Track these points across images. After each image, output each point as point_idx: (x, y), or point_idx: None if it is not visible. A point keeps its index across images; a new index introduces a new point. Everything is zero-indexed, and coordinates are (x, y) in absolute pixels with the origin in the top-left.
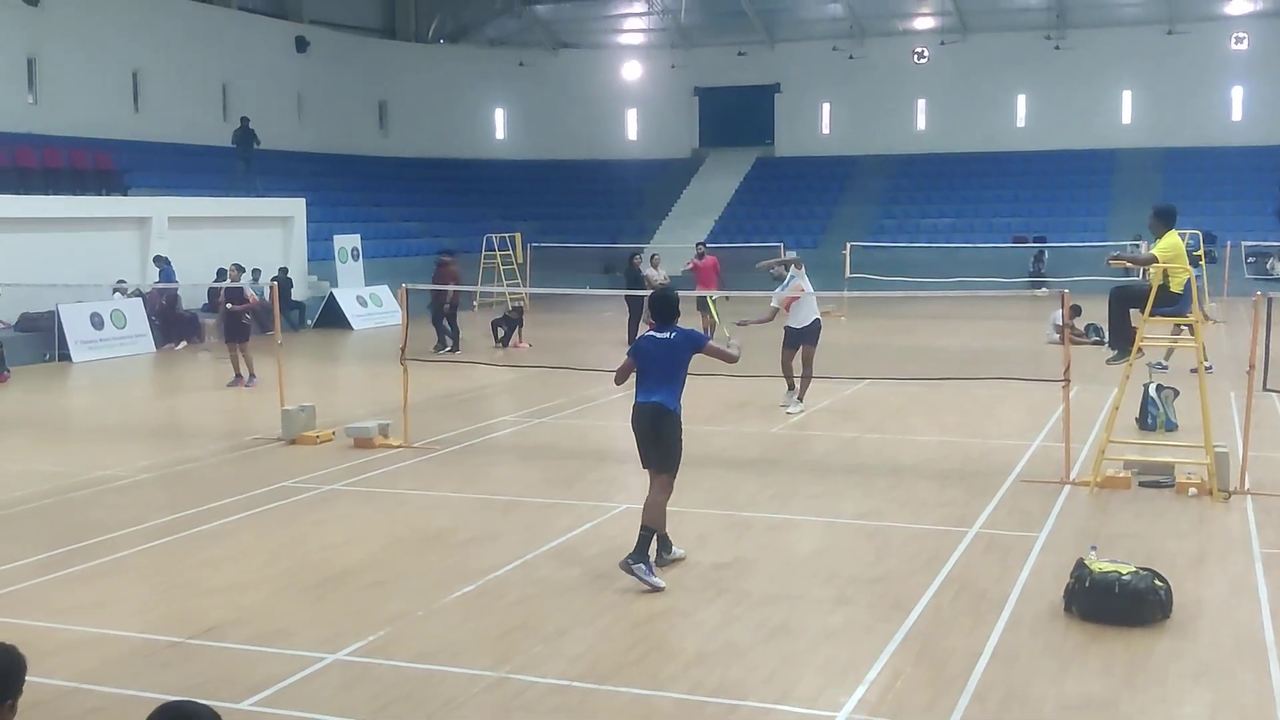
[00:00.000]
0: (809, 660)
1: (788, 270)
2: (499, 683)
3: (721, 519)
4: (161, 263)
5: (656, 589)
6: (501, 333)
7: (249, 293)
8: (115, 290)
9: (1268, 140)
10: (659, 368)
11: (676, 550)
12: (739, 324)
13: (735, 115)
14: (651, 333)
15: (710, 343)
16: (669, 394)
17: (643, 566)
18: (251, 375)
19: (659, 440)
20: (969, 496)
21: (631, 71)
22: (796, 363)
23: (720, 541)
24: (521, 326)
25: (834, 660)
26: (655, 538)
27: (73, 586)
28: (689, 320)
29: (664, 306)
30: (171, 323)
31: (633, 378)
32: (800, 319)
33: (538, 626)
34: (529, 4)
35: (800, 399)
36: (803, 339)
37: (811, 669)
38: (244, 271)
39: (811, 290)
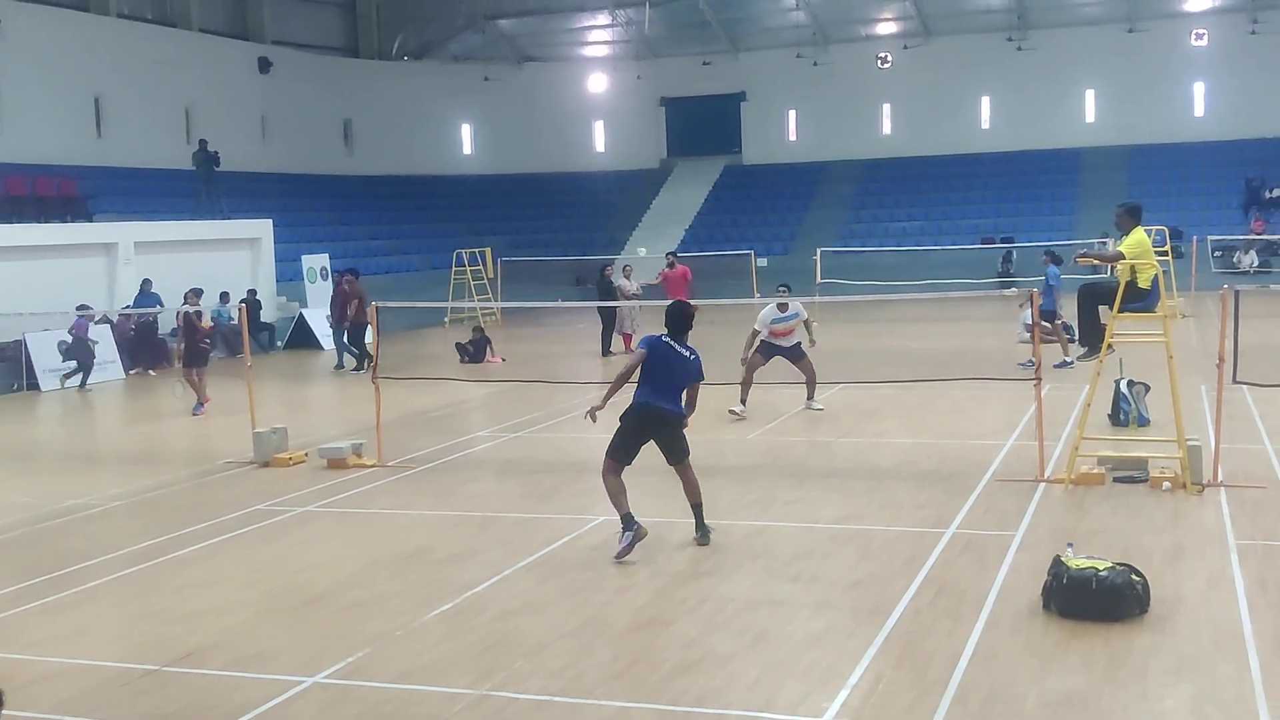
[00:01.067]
0: (791, 666)
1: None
2: (480, 700)
3: None
4: (145, 285)
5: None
6: (469, 356)
7: (206, 317)
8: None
9: (1231, 135)
10: (673, 378)
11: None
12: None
13: (702, 124)
14: (669, 341)
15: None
16: (678, 402)
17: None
18: (200, 403)
19: (675, 437)
20: (945, 497)
21: (597, 83)
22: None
23: (700, 549)
24: (491, 343)
25: (816, 665)
26: (622, 517)
27: (48, 617)
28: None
29: (682, 319)
30: (142, 348)
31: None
32: (789, 341)
33: (518, 642)
34: (492, 19)
35: (811, 397)
36: (790, 356)
37: (794, 675)
38: (201, 295)
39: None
